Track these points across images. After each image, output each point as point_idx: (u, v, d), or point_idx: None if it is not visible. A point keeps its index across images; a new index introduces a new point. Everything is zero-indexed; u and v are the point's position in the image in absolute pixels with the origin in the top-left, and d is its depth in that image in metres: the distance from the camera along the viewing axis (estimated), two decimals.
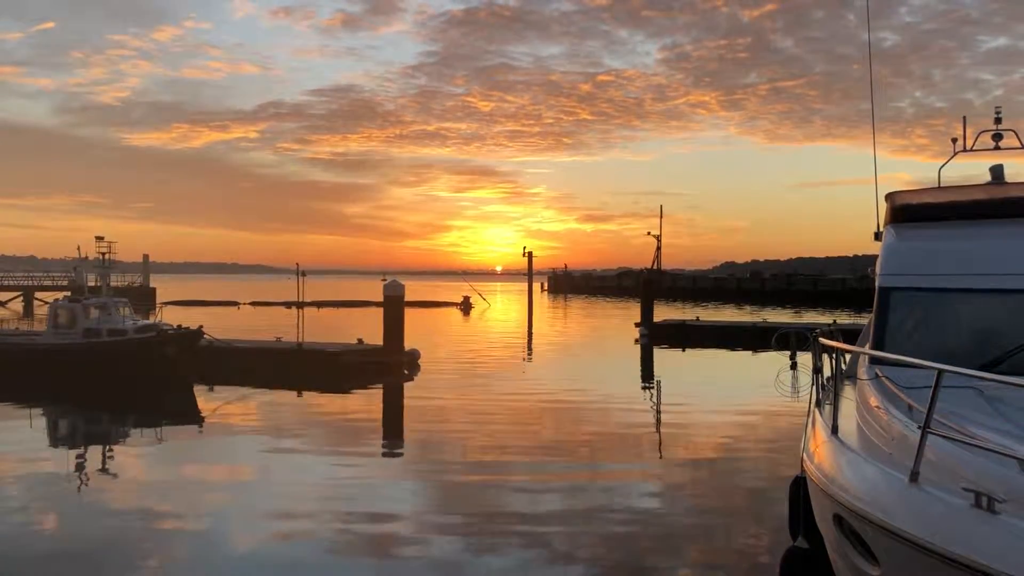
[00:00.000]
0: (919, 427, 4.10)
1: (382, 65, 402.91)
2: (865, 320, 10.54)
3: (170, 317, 30.80)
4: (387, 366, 24.21)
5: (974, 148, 9.65)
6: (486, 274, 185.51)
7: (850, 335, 10.95)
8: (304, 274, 32.42)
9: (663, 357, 29.42)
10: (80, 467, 12.52)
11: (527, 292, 62.12)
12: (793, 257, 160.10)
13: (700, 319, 39.95)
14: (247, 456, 13.23)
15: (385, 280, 28.76)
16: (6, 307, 64.51)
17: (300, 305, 33.16)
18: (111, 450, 14.06)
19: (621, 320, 49.88)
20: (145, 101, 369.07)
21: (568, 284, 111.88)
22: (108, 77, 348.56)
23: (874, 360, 6.71)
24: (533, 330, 43.71)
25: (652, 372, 25.81)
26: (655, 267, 73.43)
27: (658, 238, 73.83)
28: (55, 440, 15.48)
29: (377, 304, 32.52)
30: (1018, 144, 9.44)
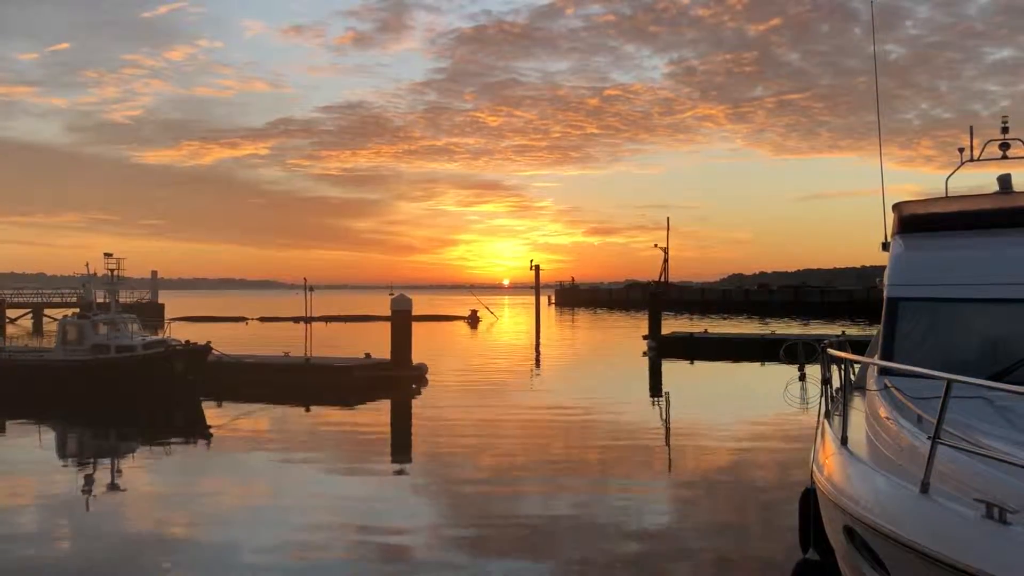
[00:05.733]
0: (929, 438, 4.08)
1: (392, 82, 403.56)
2: (874, 331, 10.50)
3: (178, 333, 30.85)
4: (395, 380, 24.19)
5: (981, 158, 9.63)
6: (493, 288, 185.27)
7: (859, 346, 10.92)
8: (312, 289, 32.56)
9: (671, 370, 29.34)
10: (89, 483, 12.53)
11: (534, 305, 62.14)
12: (801, 268, 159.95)
13: (708, 331, 39.89)
14: (256, 471, 13.23)
15: (392, 294, 28.81)
16: (16, 324, 64.81)
17: (308, 320, 33.23)
18: (120, 466, 14.08)
19: (629, 333, 49.77)
20: (156, 119, 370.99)
21: (575, 297, 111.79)
22: (120, 96, 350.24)
23: (883, 371, 6.68)
24: (541, 343, 43.68)
25: (660, 385, 25.72)
26: (662, 279, 73.35)
27: (665, 250, 73.94)
28: (64, 456, 15.51)
29: (385, 318, 32.59)
30: None
